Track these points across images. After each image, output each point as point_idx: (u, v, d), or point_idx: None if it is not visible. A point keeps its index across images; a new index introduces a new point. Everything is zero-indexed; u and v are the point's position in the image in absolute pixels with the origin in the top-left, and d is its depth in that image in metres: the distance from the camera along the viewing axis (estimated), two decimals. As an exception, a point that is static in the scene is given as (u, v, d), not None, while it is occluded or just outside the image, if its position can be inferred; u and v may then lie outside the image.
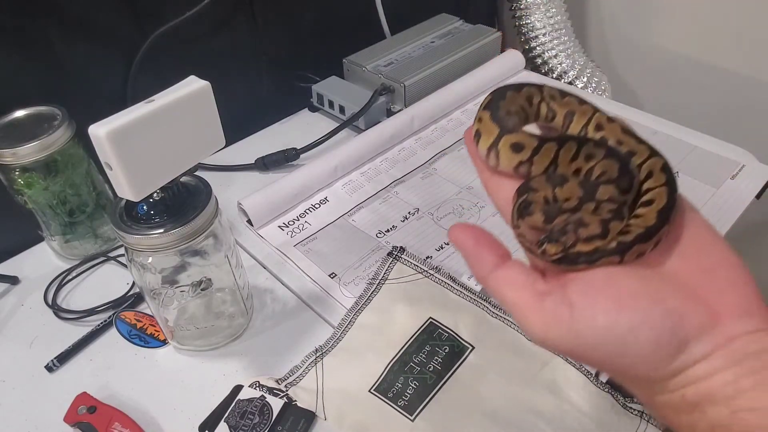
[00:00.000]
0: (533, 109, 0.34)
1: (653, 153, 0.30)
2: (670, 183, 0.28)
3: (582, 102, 0.33)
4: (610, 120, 0.32)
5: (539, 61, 0.97)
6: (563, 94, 0.34)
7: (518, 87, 0.34)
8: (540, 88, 0.34)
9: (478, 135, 0.32)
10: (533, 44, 0.97)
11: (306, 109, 0.87)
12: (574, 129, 0.33)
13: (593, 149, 0.30)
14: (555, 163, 0.30)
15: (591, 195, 0.28)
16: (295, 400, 0.48)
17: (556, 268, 0.27)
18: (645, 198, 0.29)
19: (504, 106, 0.32)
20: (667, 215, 0.27)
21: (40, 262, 0.64)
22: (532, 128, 0.34)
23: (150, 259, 0.46)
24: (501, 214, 0.31)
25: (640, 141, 0.31)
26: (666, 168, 0.29)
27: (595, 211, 0.27)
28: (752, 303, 0.25)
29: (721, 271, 0.26)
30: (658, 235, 0.26)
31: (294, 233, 0.65)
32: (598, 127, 0.32)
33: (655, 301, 0.25)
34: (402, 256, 0.60)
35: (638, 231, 0.26)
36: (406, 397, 0.48)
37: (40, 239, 0.65)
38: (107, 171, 0.39)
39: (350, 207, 0.68)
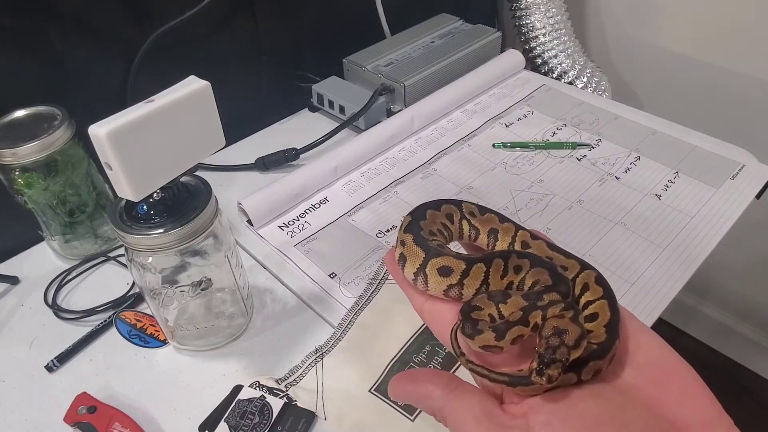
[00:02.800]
0: (455, 227, 0.34)
1: (584, 266, 0.30)
2: (609, 295, 0.28)
3: (503, 219, 0.33)
4: (534, 237, 0.32)
5: (539, 61, 0.97)
6: (482, 210, 0.34)
7: (437, 205, 0.34)
8: (458, 204, 0.34)
9: (402, 259, 0.31)
10: (533, 44, 0.97)
11: (306, 109, 0.87)
12: (500, 248, 0.33)
13: (518, 261, 0.30)
14: (486, 283, 0.29)
15: (534, 304, 0.27)
16: (295, 400, 0.48)
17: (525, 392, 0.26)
18: (587, 312, 0.28)
19: (426, 226, 0.32)
20: (616, 329, 0.26)
21: (40, 262, 0.64)
22: (455, 246, 0.33)
23: (150, 259, 0.46)
24: (442, 341, 0.30)
25: (569, 255, 0.31)
26: (600, 280, 0.29)
27: (549, 316, 0.26)
28: (712, 413, 0.24)
29: (676, 382, 0.25)
30: (612, 351, 0.26)
31: (294, 233, 0.65)
32: (524, 246, 0.32)
33: (621, 427, 0.24)
34: (402, 256, 0.60)
35: (591, 347, 0.25)
36: (406, 397, 0.48)
37: (40, 239, 0.65)
38: (107, 171, 0.39)
39: (350, 207, 0.68)
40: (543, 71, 0.97)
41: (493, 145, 0.76)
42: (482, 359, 0.28)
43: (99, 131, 0.36)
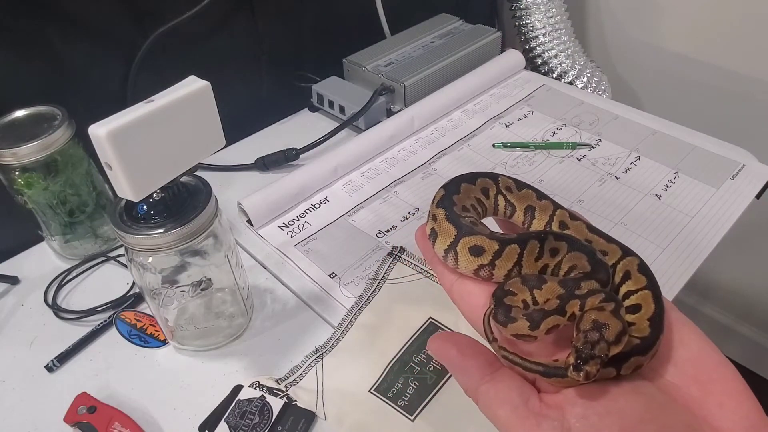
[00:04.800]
0: (490, 201, 0.32)
1: (626, 252, 0.29)
2: (653, 285, 0.27)
3: (541, 196, 0.32)
4: (574, 217, 0.31)
5: (539, 61, 0.97)
6: (519, 185, 0.32)
7: (472, 177, 0.32)
8: (495, 178, 0.32)
9: (433, 235, 0.30)
10: (533, 44, 0.97)
11: (306, 109, 0.87)
12: (537, 227, 0.31)
13: (556, 243, 0.28)
14: (519, 265, 0.28)
15: (572, 293, 0.26)
16: (295, 400, 0.48)
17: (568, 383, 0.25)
18: (629, 303, 0.27)
19: (459, 201, 0.31)
20: (660, 323, 0.25)
21: (40, 262, 0.64)
22: (489, 222, 0.32)
23: (150, 259, 0.46)
24: (471, 324, 0.29)
25: (610, 239, 0.29)
26: (643, 267, 0.28)
27: (588, 307, 0.25)
28: (755, 417, 0.24)
29: (718, 383, 0.25)
30: (655, 347, 0.25)
31: (294, 233, 0.65)
32: (562, 226, 0.31)
33: (662, 428, 0.23)
34: (402, 256, 0.60)
35: (634, 341, 0.24)
36: (406, 397, 0.48)
37: (40, 239, 0.65)
38: (107, 171, 0.39)
39: (350, 207, 0.68)
40: (543, 71, 0.97)
41: (493, 145, 0.76)
42: (515, 345, 0.27)
43: (99, 131, 0.36)
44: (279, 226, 0.66)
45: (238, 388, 0.49)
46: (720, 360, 0.25)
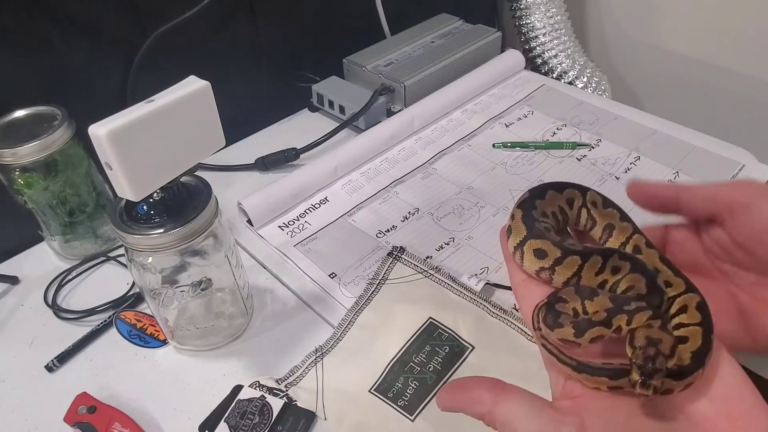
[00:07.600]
0: (573, 212, 0.33)
1: (690, 288, 0.29)
2: (706, 324, 0.27)
3: (624, 218, 0.33)
4: (649, 245, 0.31)
5: (539, 61, 0.97)
6: (606, 203, 0.33)
7: (560, 187, 0.33)
8: (584, 192, 0.33)
9: (509, 232, 0.32)
10: (533, 44, 0.97)
11: (306, 109, 0.87)
12: (611, 246, 0.32)
13: (619, 262, 0.29)
14: (578, 275, 0.29)
15: (620, 308, 0.27)
16: (295, 400, 0.48)
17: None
18: (678, 333, 0.28)
19: (540, 206, 0.32)
20: (702, 359, 0.26)
21: (40, 262, 0.64)
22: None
23: (150, 259, 0.46)
24: (525, 322, 0.31)
25: (678, 273, 0.30)
26: (702, 306, 0.28)
27: (635, 324, 0.26)
28: None
29: (748, 422, 0.25)
30: (691, 377, 0.25)
31: (294, 233, 0.65)
32: (636, 251, 0.31)
33: None
34: (402, 256, 0.60)
35: (671, 367, 0.25)
36: (406, 397, 0.48)
37: (40, 239, 0.65)
38: (107, 171, 0.39)
39: (350, 207, 0.68)
40: (543, 71, 0.97)
41: (493, 145, 0.76)
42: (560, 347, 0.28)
43: (99, 131, 0.36)
44: (279, 226, 0.66)
45: (238, 388, 0.49)
46: (755, 402, 0.26)
